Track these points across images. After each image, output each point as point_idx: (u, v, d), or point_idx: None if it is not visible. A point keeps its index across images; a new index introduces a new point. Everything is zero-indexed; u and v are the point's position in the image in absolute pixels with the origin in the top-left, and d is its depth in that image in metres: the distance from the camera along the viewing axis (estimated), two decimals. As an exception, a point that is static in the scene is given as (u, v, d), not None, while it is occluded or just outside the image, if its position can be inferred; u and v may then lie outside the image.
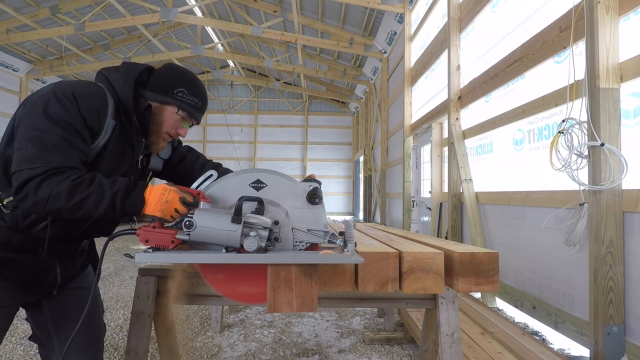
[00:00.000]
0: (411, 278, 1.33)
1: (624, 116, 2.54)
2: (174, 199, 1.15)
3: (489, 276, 1.33)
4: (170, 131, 1.43)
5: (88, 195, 1.12)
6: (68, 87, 1.22)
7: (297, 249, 1.22)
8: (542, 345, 2.49)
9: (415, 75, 7.32)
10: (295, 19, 9.38)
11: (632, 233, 2.46)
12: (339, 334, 3.29)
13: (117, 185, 1.15)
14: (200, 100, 1.44)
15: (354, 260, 1.17)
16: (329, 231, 1.23)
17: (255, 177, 1.23)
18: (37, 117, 1.16)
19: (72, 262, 1.41)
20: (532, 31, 3.52)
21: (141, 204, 1.16)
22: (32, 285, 1.30)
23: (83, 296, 1.45)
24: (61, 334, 1.41)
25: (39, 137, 1.13)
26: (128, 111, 1.32)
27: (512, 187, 3.88)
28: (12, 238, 1.22)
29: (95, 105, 1.24)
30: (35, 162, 1.11)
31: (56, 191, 1.10)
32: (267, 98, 17.30)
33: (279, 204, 1.22)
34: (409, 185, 7.62)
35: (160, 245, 1.15)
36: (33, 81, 12.45)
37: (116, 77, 1.33)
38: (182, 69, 1.46)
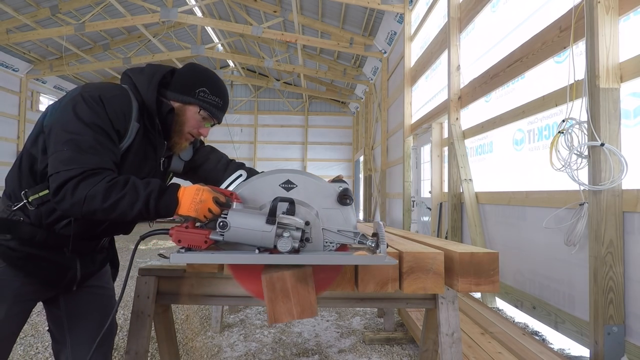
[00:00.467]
0: (411, 278, 1.33)
1: (624, 116, 2.54)
2: (208, 199, 1.16)
3: (489, 276, 1.32)
4: (193, 131, 1.44)
5: (123, 196, 1.14)
6: (95, 90, 1.25)
7: (328, 250, 1.22)
8: (542, 345, 2.49)
9: (415, 75, 7.32)
10: (295, 19, 9.38)
11: (632, 233, 2.46)
12: (339, 334, 3.29)
13: (151, 187, 1.17)
14: (221, 99, 1.45)
15: (387, 262, 1.16)
16: (358, 232, 1.22)
17: (285, 177, 1.22)
18: (69, 120, 1.19)
19: (92, 259, 1.44)
20: (532, 31, 3.52)
21: (174, 204, 1.17)
22: (53, 280, 1.33)
23: (98, 295, 1.48)
24: (74, 330, 1.44)
25: (74, 140, 1.17)
26: (151, 114, 1.34)
27: (512, 187, 3.88)
28: (35, 234, 1.25)
29: (122, 109, 1.26)
30: (72, 163, 1.14)
31: (92, 192, 1.13)
32: (267, 98, 17.30)
33: (309, 204, 1.22)
34: (409, 185, 7.61)
35: (193, 246, 1.15)
36: (33, 81, 12.45)
37: (141, 79, 1.35)
38: (204, 69, 1.47)
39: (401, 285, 1.36)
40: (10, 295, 1.25)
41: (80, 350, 1.42)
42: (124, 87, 1.34)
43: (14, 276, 1.25)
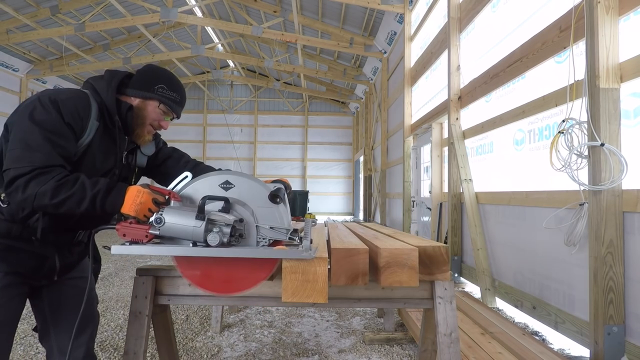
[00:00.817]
0: (388, 272, 1.42)
1: (624, 116, 2.54)
2: (147, 200, 1.30)
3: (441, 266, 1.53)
4: (154, 123, 1.57)
5: (71, 195, 1.26)
6: (51, 93, 1.37)
7: (260, 245, 1.33)
8: (542, 346, 2.48)
9: (415, 75, 7.32)
10: (295, 19, 9.38)
11: (632, 233, 2.46)
12: (339, 334, 3.29)
13: (99, 186, 1.29)
14: (179, 95, 1.59)
15: (304, 256, 1.28)
16: (290, 229, 1.33)
17: (224, 178, 1.35)
18: (23, 121, 1.31)
19: (70, 251, 1.53)
20: (532, 31, 3.52)
21: (120, 203, 1.30)
22: (34, 269, 1.43)
23: (79, 287, 1.57)
24: (56, 320, 1.54)
25: (24, 138, 1.28)
26: (111, 112, 1.47)
27: (512, 187, 3.87)
28: (11, 229, 1.36)
29: (77, 108, 1.38)
30: (21, 161, 1.25)
31: (42, 190, 1.24)
32: (267, 98, 17.30)
33: (246, 203, 1.33)
34: (409, 185, 7.61)
35: (136, 239, 1.29)
36: (33, 81, 12.46)
37: (100, 83, 1.49)
38: (161, 68, 1.62)
39: (379, 278, 1.45)
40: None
41: (63, 339, 1.52)
42: (83, 90, 1.47)
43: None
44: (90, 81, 1.51)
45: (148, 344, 1.66)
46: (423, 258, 1.49)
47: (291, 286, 1.31)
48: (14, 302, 1.39)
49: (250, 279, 1.36)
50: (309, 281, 1.31)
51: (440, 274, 1.53)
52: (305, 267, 1.31)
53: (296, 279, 1.31)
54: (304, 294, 1.32)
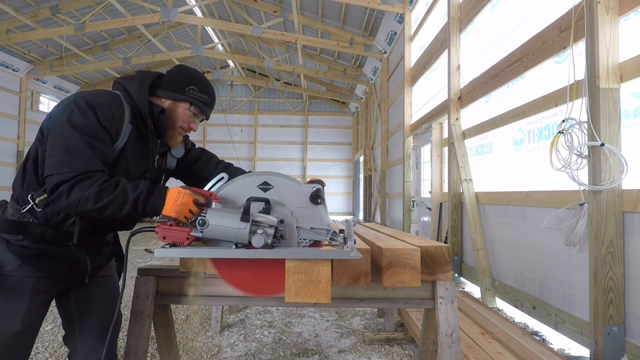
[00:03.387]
0: (390, 272, 1.43)
1: (624, 116, 2.54)
2: (188, 201, 1.28)
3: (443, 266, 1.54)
4: (184, 125, 1.56)
5: (114, 198, 1.26)
6: (88, 96, 1.36)
7: (301, 246, 1.31)
8: (542, 346, 2.48)
9: (415, 75, 7.32)
10: (295, 19, 9.38)
11: (632, 233, 2.46)
12: (339, 334, 3.29)
13: (140, 189, 1.29)
14: (209, 97, 1.57)
15: (352, 256, 1.27)
16: (330, 229, 1.31)
17: (262, 179, 1.33)
18: (62, 126, 1.30)
19: (99, 253, 1.54)
20: (532, 31, 3.52)
21: (161, 205, 1.29)
22: (66, 274, 1.43)
23: (105, 286, 1.59)
24: (82, 320, 1.54)
25: (64, 144, 1.28)
26: (143, 116, 1.46)
27: (512, 187, 3.88)
28: (45, 233, 1.35)
29: (112, 112, 1.37)
30: (63, 167, 1.25)
31: (85, 195, 1.24)
32: (267, 98, 17.29)
33: (285, 204, 1.32)
34: (409, 186, 7.61)
35: (177, 242, 1.27)
36: (33, 81, 12.45)
37: (132, 85, 1.47)
38: (192, 69, 1.60)
39: (381, 278, 1.45)
40: (29, 289, 1.35)
41: (88, 338, 1.52)
42: (116, 93, 1.45)
43: (30, 272, 1.35)
44: (121, 82, 1.49)
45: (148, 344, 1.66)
46: (425, 258, 1.49)
47: (294, 286, 1.31)
48: (40, 308, 1.40)
49: None
50: (312, 281, 1.30)
51: (441, 274, 1.53)
52: (309, 267, 1.30)
53: (299, 279, 1.30)
54: (307, 294, 1.31)
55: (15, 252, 1.33)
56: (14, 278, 1.33)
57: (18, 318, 1.33)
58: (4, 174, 11.51)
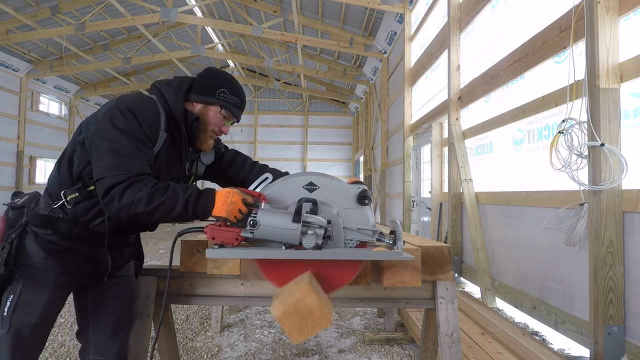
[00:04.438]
0: (390, 272, 1.44)
1: (624, 116, 2.54)
2: (238, 201, 1.27)
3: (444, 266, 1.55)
4: (215, 129, 1.56)
5: (164, 200, 1.26)
6: (129, 101, 1.37)
7: (348, 247, 1.31)
8: (542, 345, 2.48)
9: (415, 75, 7.32)
10: (295, 19, 9.37)
11: (632, 233, 2.46)
12: (339, 334, 3.29)
13: (189, 191, 1.29)
14: (240, 99, 1.57)
15: (404, 257, 1.27)
16: (377, 230, 1.31)
17: (308, 179, 1.34)
18: (108, 130, 1.31)
19: (121, 253, 1.55)
20: (532, 31, 3.52)
21: (211, 206, 1.28)
22: (88, 271, 1.45)
23: (121, 286, 1.59)
24: (97, 316, 1.54)
25: (114, 148, 1.28)
26: (178, 123, 1.46)
27: (512, 187, 3.88)
28: (72, 230, 1.37)
29: (152, 119, 1.38)
30: (116, 169, 1.26)
31: (138, 197, 1.25)
32: (267, 98, 17.29)
33: (331, 204, 1.32)
34: (409, 186, 7.61)
35: (226, 242, 1.26)
36: (33, 81, 12.44)
37: (168, 91, 1.47)
38: (222, 72, 1.59)
39: (381, 279, 1.45)
40: (51, 282, 1.37)
41: (101, 336, 1.52)
42: (152, 98, 1.45)
43: (53, 266, 1.38)
44: (158, 86, 1.49)
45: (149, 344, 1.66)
46: (425, 258, 1.49)
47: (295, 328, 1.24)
48: (59, 303, 1.42)
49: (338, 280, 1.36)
50: (305, 317, 1.21)
51: (442, 274, 1.53)
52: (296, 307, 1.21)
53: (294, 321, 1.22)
54: (309, 329, 1.24)
55: (43, 245, 1.36)
56: (39, 270, 1.36)
57: (37, 310, 1.34)
58: (4, 174, 11.51)
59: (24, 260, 1.36)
